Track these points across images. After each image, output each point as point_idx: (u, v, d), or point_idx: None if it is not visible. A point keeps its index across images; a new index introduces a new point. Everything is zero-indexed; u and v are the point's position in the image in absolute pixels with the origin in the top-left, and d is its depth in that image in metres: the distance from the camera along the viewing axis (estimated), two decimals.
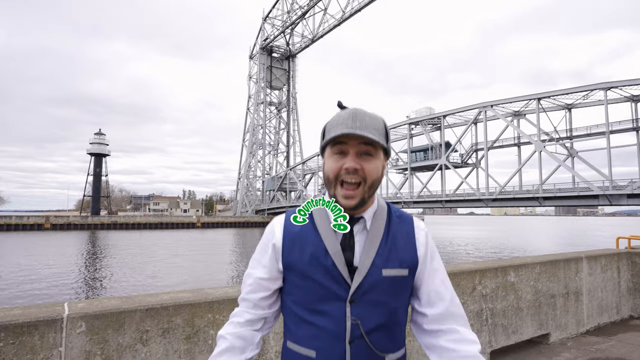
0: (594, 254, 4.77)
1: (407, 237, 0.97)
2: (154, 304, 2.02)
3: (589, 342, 4.20)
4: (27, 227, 56.95)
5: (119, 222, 63.89)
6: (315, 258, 0.92)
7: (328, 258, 0.91)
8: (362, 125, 0.89)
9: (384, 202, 1.02)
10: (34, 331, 1.72)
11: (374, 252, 0.92)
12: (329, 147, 0.93)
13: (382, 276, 0.91)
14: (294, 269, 0.95)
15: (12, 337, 1.68)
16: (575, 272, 4.44)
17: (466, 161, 47.51)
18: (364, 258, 0.92)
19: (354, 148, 0.90)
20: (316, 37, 68.20)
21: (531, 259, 4.14)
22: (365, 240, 0.94)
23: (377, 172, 0.92)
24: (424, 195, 45.99)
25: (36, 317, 1.74)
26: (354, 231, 0.94)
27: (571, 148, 38.37)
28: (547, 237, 55.86)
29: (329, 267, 0.91)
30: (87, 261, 25.74)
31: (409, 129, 51.46)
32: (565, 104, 39.91)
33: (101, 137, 77.37)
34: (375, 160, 0.92)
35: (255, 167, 74.98)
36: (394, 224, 0.98)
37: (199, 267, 22.84)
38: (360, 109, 0.93)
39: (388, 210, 1.00)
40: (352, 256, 0.92)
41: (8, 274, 19.79)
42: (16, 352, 1.68)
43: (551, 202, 35.66)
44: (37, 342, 1.73)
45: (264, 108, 74.78)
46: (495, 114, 41.13)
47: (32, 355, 1.71)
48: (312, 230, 0.95)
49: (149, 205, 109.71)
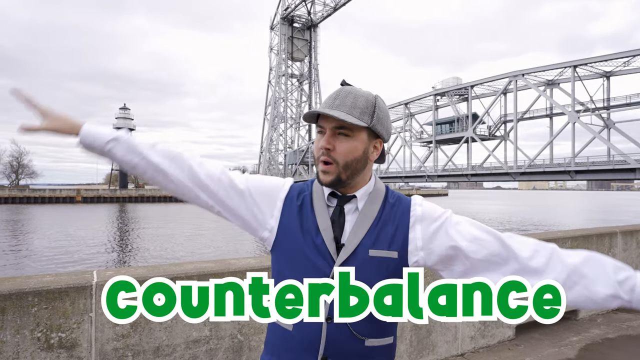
0: (630, 228, 4.55)
1: (401, 219, 0.95)
2: (179, 273, 2.05)
3: (620, 318, 4.07)
4: (60, 200, 59.87)
5: (146, 195, 66.22)
6: (307, 232, 0.93)
7: (318, 235, 0.93)
8: (340, 103, 0.89)
9: (383, 186, 1.01)
10: (65, 297, 1.79)
11: (362, 232, 0.92)
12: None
13: (368, 256, 0.91)
14: (284, 237, 0.96)
15: (45, 302, 1.75)
16: (608, 247, 4.26)
17: (494, 133, 45.93)
18: (351, 237, 0.92)
19: (330, 128, 0.91)
20: (338, 4, 66.02)
21: (562, 233, 3.99)
22: (356, 220, 0.94)
23: (353, 154, 0.91)
24: (448, 169, 45.08)
25: (67, 283, 1.80)
26: (345, 210, 0.95)
27: (608, 119, 36.32)
28: (577, 212, 54.15)
29: (318, 244, 0.92)
30: (117, 233, 26.97)
31: (434, 100, 49.91)
32: (604, 71, 37.48)
33: (126, 111, 79.05)
34: (352, 140, 0.91)
35: (277, 141, 75.20)
36: (389, 206, 0.97)
37: (223, 239, 23.53)
38: (350, 87, 0.93)
39: (385, 194, 0.99)
40: (341, 234, 0.93)
41: (50, 244, 21.03)
42: (49, 317, 1.75)
43: (583, 176, 34.25)
44: (69, 307, 1.79)
45: (285, 80, 74.02)
46: (527, 84, 39.17)
47: (65, 320, 1.78)
48: (309, 205, 0.97)
49: None
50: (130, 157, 0.97)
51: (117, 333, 1.89)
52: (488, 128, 46.42)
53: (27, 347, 1.71)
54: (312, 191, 0.99)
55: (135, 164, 0.97)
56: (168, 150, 1.00)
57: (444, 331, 3.00)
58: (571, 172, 33.88)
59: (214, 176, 0.99)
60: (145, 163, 0.97)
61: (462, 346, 3.10)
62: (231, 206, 0.99)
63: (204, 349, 2.09)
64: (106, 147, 0.97)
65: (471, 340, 3.16)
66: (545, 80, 40.11)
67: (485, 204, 76.05)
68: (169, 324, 2.01)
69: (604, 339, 3.52)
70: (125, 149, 0.97)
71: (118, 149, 0.97)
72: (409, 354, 2.82)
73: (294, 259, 0.94)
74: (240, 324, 2.17)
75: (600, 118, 36.45)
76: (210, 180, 0.98)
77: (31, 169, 76.15)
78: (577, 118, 35.21)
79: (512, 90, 40.25)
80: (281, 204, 0.98)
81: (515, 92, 39.84)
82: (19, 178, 72.98)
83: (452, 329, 3.05)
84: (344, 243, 0.92)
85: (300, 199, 0.99)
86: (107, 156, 0.99)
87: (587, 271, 0.89)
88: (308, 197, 0.98)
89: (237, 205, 0.99)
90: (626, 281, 0.87)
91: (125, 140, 0.97)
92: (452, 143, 48.30)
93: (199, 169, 0.98)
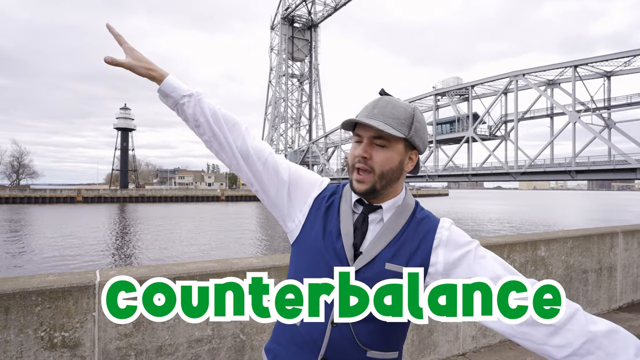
0: (631, 228, 4.55)
1: (424, 238, 0.94)
2: (181, 273, 2.06)
3: (621, 318, 4.07)
4: (61, 200, 59.93)
5: (146, 195, 66.21)
6: (329, 235, 0.94)
7: (339, 239, 0.93)
8: (378, 113, 0.90)
9: (413, 201, 1.00)
10: (68, 296, 1.79)
11: (383, 244, 0.92)
12: (354, 136, 0.95)
13: (384, 268, 0.90)
14: (306, 235, 0.98)
15: (49, 301, 1.76)
16: (609, 247, 4.26)
17: (494, 133, 45.90)
18: (371, 247, 0.92)
19: (367, 137, 0.91)
20: (339, 4, 66.03)
21: (563, 233, 3.99)
22: (379, 232, 0.94)
23: (389, 164, 0.91)
24: (449, 168, 45.07)
25: (70, 283, 1.81)
26: (369, 219, 0.95)
27: (608, 119, 36.29)
28: (578, 212, 54.10)
29: (337, 248, 0.93)
30: (119, 232, 26.98)
31: (434, 100, 49.89)
32: (605, 71, 37.45)
33: (127, 111, 79.07)
34: (388, 151, 0.91)
35: (277, 141, 75.18)
36: (415, 222, 0.96)
37: (225, 239, 23.54)
38: (390, 97, 0.94)
39: (414, 210, 0.98)
40: (362, 242, 0.93)
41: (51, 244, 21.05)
42: (53, 316, 1.76)
43: (584, 176, 34.23)
44: (72, 306, 1.80)
45: (286, 80, 74.02)
46: (527, 84, 39.15)
47: (68, 319, 1.79)
48: (336, 208, 0.98)
49: (175, 179, 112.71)
50: (197, 115, 1.01)
51: (120, 332, 1.90)
52: (489, 128, 46.40)
53: (30, 346, 1.72)
54: (341, 194, 1.00)
55: (200, 124, 1.02)
56: (230, 117, 1.04)
57: (446, 331, 3.01)
58: (572, 172, 33.86)
59: (262, 156, 1.02)
60: (207, 126, 1.02)
61: (463, 346, 3.11)
62: (269, 190, 1.03)
63: (206, 348, 2.10)
64: (181, 101, 1.01)
65: (472, 339, 3.17)
66: (545, 80, 40.08)
67: (485, 204, 76.00)
68: (171, 324, 2.02)
69: None
70: (195, 107, 1.01)
71: (190, 105, 1.01)
72: (410, 353, 2.82)
73: (312, 259, 0.95)
74: (243, 324, 2.18)
75: (601, 118, 36.41)
76: (257, 159, 1.01)
77: (32, 169, 76.37)
78: (578, 118, 35.19)
79: (513, 90, 40.23)
80: (311, 201, 1.00)
81: (515, 92, 39.82)
82: (19, 178, 73.07)
83: (453, 328, 3.05)
84: (362, 251, 0.92)
85: (330, 200, 1.00)
86: (178, 109, 1.03)
87: (608, 344, 0.79)
88: (337, 200, 0.99)
89: (275, 192, 1.02)
90: None
91: (198, 99, 1.01)
92: (453, 143, 48.27)
93: (250, 147, 1.02)
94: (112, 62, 0.99)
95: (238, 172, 1.04)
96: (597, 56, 34.98)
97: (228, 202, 68.96)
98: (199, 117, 1.01)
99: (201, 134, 1.03)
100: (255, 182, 1.03)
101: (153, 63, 1.02)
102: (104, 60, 0.99)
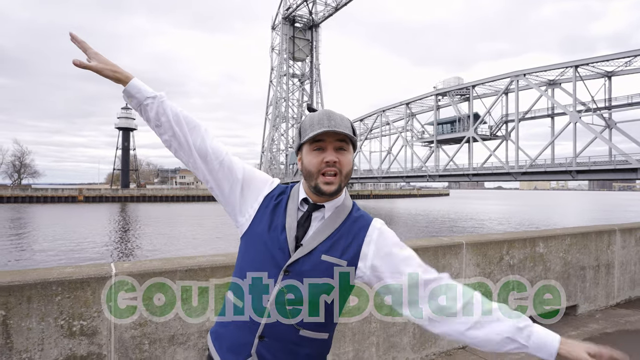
0: (629, 226, 4.63)
1: (357, 234, 1.07)
2: (192, 266, 2.14)
3: (619, 314, 4.15)
4: (62, 199, 60.03)
5: (147, 195, 66.32)
6: (274, 229, 1.06)
7: (283, 232, 1.05)
8: (336, 123, 1.02)
9: (351, 202, 1.14)
10: (86, 287, 1.88)
11: (321, 238, 1.05)
12: (306, 145, 1.05)
13: (320, 259, 1.03)
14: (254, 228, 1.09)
15: (68, 291, 1.84)
16: (607, 245, 4.34)
17: (495, 133, 45.93)
18: (310, 240, 1.05)
19: (331, 144, 1.03)
20: (340, 4, 66.04)
21: (561, 231, 4.07)
22: (319, 227, 1.06)
23: (350, 164, 1.06)
24: (450, 168, 45.10)
25: (87, 274, 1.90)
26: (312, 216, 1.08)
27: (609, 119, 36.31)
28: (578, 211, 54.10)
29: (281, 240, 1.05)
30: (123, 231, 27.09)
31: (435, 100, 49.89)
32: (605, 71, 37.45)
33: (128, 111, 79.02)
34: (348, 153, 1.06)
35: (278, 141, 75.24)
36: (351, 221, 1.09)
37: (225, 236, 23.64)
38: (330, 110, 1.07)
39: (351, 210, 1.11)
40: (304, 235, 1.05)
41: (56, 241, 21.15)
42: (72, 305, 1.85)
43: (585, 176, 34.24)
44: (90, 297, 1.89)
45: (287, 80, 74.07)
46: (528, 84, 39.17)
47: (86, 309, 1.88)
48: (283, 206, 1.10)
49: (176, 179, 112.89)
50: (159, 116, 1.11)
51: (135, 322, 1.98)
52: (489, 128, 46.42)
53: (51, 334, 1.80)
54: (289, 195, 1.12)
55: (161, 123, 1.11)
56: (190, 119, 1.13)
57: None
58: (572, 172, 33.87)
59: (219, 156, 1.12)
60: (168, 126, 1.11)
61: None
62: (224, 187, 1.13)
63: None
64: (145, 102, 1.11)
65: None
66: (546, 80, 40.09)
67: (486, 204, 76.00)
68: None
69: (602, 334, 3.61)
70: (158, 108, 1.11)
71: (153, 106, 1.11)
72: (412, 346, 2.90)
73: (258, 250, 1.07)
74: None
75: (602, 118, 36.43)
76: (215, 158, 1.12)
77: (33, 169, 76.43)
78: (579, 118, 35.20)
79: (514, 90, 40.24)
80: (262, 199, 1.12)
81: (516, 92, 39.84)
82: (21, 177, 73.20)
83: None
84: (302, 243, 1.04)
85: (278, 199, 1.12)
86: (142, 109, 1.12)
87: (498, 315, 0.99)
88: (285, 199, 1.11)
89: (229, 189, 1.13)
90: (525, 329, 0.97)
91: (161, 101, 1.11)
92: (454, 143, 48.28)
93: (209, 147, 1.12)
94: (80, 65, 1.08)
95: (195, 169, 1.14)
96: (598, 56, 35.02)
97: None
98: (161, 117, 1.10)
99: (161, 133, 1.12)
100: (211, 179, 1.13)
101: (118, 66, 1.11)
102: (73, 63, 1.08)
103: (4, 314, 1.72)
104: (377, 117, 56.98)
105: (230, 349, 1.05)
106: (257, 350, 1.02)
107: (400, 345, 2.86)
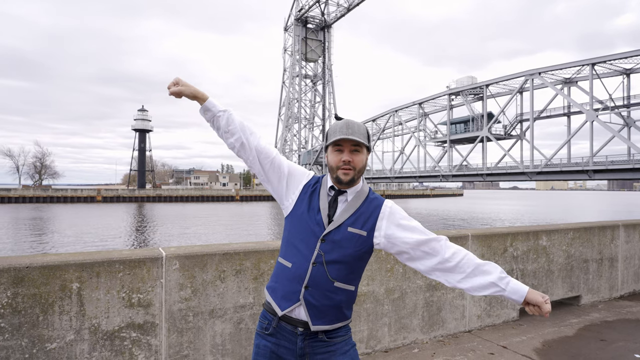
0: (633, 222, 4.81)
1: (373, 211, 1.42)
2: (228, 250, 2.48)
3: (621, 305, 4.34)
4: (82, 199, 61.80)
5: (163, 195, 67.63)
6: (312, 210, 1.41)
7: (319, 213, 1.40)
8: (352, 131, 1.36)
9: (368, 188, 1.47)
10: (142, 266, 2.23)
11: (347, 215, 1.39)
12: (330, 146, 1.41)
13: (347, 230, 1.37)
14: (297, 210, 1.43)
15: (128, 269, 2.20)
16: (610, 239, 4.53)
17: (509, 133, 45.51)
18: (339, 216, 1.39)
19: (348, 147, 1.37)
20: (352, 5, 66.20)
21: (564, 225, 4.28)
22: (344, 207, 1.41)
23: (363, 163, 1.40)
24: (463, 168, 44.87)
25: (143, 255, 2.25)
26: (339, 199, 1.42)
27: (628, 117, 35.67)
28: (595, 212, 53.06)
29: (317, 217, 1.39)
30: (145, 228, 27.87)
31: (448, 100, 49.69)
32: (624, 68, 36.80)
33: (144, 113, 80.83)
34: (361, 155, 1.39)
35: (291, 141, 75.77)
36: (368, 201, 1.43)
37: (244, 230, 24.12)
38: (351, 119, 1.41)
39: (368, 194, 1.45)
40: (334, 214, 1.40)
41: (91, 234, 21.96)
42: (131, 281, 2.20)
43: (602, 176, 33.70)
44: (145, 274, 2.24)
45: (299, 81, 74.55)
46: (544, 82, 38.74)
47: (142, 284, 2.23)
48: (317, 192, 1.44)
49: (190, 179, 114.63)
50: (228, 124, 1.46)
51: (182, 297, 2.33)
52: (504, 127, 46.00)
53: (115, 304, 2.16)
54: (321, 183, 1.46)
55: (229, 130, 1.46)
56: (249, 127, 1.49)
57: (453, 309, 3.36)
58: (589, 172, 33.39)
59: (270, 156, 1.48)
60: (235, 131, 1.45)
61: (469, 323, 3.46)
62: (272, 180, 1.49)
63: (248, 313, 2.51)
64: (217, 114, 1.46)
65: (478, 318, 3.51)
66: (562, 79, 39.58)
67: (500, 204, 75.10)
68: (221, 292, 2.44)
69: (602, 322, 3.82)
70: (228, 119, 1.47)
71: (223, 117, 1.46)
72: (421, 327, 3.19)
73: (300, 225, 1.41)
74: None
75: (620, 116, 35.81)
76: (266, 157, 1.48)
77: (53, 170, 78.72)
78: (596, 116, 34.67)
79: (529, 89, 39.84)
80: (301, 187, 1.46)
81: (531, 91, 39.44)
82: (42, 178, 75.47)
83: (460, 307, 3.41)
84: (334, 219, 1.38)
85: (314, 187, 1.46)
86: (214, 120, 1.47)
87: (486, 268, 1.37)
88: (318, 187, 1.45)
89: (277, 181, 1.49)
90: (505, 278, 1.35)
91: (230, 114, 1.47)
92: (467, 142, 48.01)
93: (262, 148, 1.48)
94: (173, 93, 1.46)
95: (253, 165, 1.48)
96: (616, 53, 34.42)
97: (242, 201, 69.99)
98: (229, 126, 1.45)
99: (227, 137, 1.46)
100: (264, 174, 1.48)
101: (197, 89, 1.47)
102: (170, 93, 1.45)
103: (79, 286, 2.08)
104: (389, 117, 57.01)
105: (284, 297, 1.38)
106: (303, 296, 1.35)
107: (410, 326, 3.15)
